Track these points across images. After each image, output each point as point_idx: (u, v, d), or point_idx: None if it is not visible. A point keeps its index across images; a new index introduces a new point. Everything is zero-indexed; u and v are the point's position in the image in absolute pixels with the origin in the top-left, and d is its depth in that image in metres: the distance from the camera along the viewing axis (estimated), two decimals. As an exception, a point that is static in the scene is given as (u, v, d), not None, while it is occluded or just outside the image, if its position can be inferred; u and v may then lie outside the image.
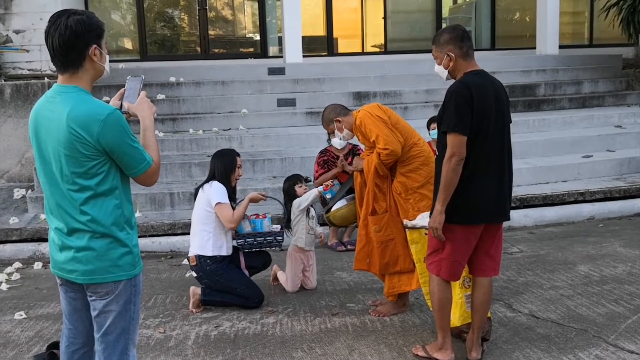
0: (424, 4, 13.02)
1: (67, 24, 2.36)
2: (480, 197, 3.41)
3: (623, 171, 8.01)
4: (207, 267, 4.61)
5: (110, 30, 11.18)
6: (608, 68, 11.17)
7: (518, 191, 7.26)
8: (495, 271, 3.65)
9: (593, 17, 13.19)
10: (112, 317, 2.51)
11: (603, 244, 6.06)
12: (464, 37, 3.53)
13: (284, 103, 9.18)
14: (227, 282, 4.63)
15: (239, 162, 4.79)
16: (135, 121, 2.63)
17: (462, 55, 3.50)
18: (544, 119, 9.09)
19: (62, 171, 2.40)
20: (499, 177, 3.45)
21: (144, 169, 2.46)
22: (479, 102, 3.31)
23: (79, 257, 2.45)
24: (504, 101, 3.49)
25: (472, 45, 3.58)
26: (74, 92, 2.41)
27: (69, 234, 2.45)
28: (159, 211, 6.73)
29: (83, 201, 2.40)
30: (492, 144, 3.40)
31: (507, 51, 12.54)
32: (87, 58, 2.43)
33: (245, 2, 12.91)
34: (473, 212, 3.42)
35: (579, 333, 4.02)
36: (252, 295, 4.64)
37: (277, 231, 4.85)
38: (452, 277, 3.57)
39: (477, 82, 3.39)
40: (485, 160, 3.39)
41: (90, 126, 2.33)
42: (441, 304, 3.59)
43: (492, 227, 3.55)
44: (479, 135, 3.34)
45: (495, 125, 3.38)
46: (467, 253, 3.55)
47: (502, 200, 3.48)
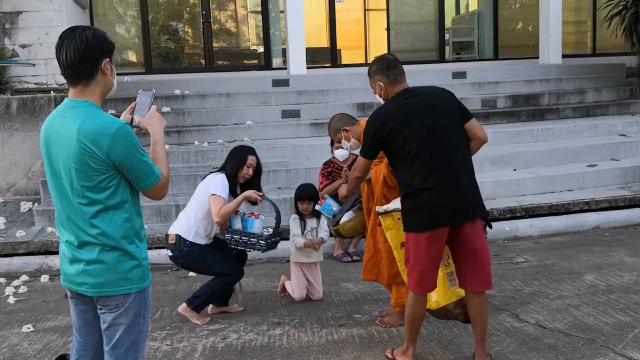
0: (427, 15, 13.08)
1: (83, 36, 2.43)
2: (428, 206, 3.48)
3: (628, 180, 8.00)
4: (185, 249, 4.60)
5: (115, 43, 11.21)
6: (611, 77, 11.19)
7: (523, 200, 7.27)
8: (482, 285, 3.61)
9: (596, 27, 13.22)
10: (122, 329, 2.52)
11: (609, 253, 6.05)
12: (390, 65, 3.77)
13: (289, 114, 9.22)
14: (202, 262, 4.63)
15: (249, 161, 4.77)
16: (145, 134, 2.66)
17: (390, 82, 3.76)
18: (548, 129, 9.10)
19: (72, 185, 2.43)
20: (450, 182, 3.48)
21: (153, 183, 2.49)
22: (393, 126, 3.53)
23: (89, 270, 2.47)
24: (440, 107, 3.60)
25: (399, 71, 3.78)
26: (85, 106, 2.44)
27: (80, 247, 2.47)
28: (165, 223, 6.74)
29: (93, 214, 2.43)
30: (429, 154, 3.49)
31: (510, 61, 12.59)
32: (100, 71, 2.47)
33: (249, 15, 13.01)
34: (421, 220, 3.51)
35: (586, 343, 4.01)
36: (228, 270, 4.64)
37: (265, 235, 4.76)
38: (420, 289, 3.60)
39: (394, 106, 3.65)
40: (423, 170, 3.48)
41: (100, 140, 2.36)
42: (411, 318, 3.69)
43: (461, 233, 3.52)
44: (408, 151, 3.51)
45: (427, 136, 3.51)
46: (433, 262, 3.55)
47: (458, 202, 3.49)
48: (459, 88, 10.22)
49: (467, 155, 3.63)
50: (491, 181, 7.46)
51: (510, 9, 13.98)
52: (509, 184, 7.52)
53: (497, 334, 4.21)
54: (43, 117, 7.67)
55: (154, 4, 12.13)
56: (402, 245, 3.83)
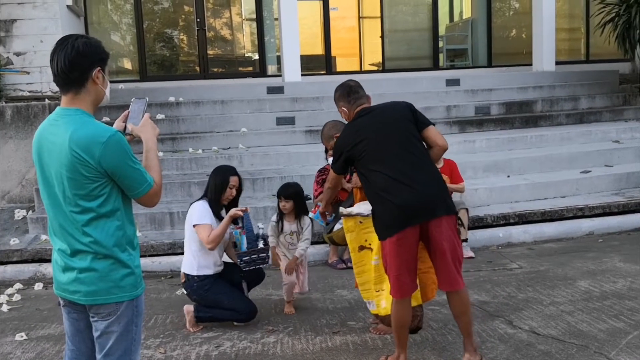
0: (421, 22, 13.14)
1: (74, 44, 2.44)
2: (388, 211, 3.60)
3: (622, 186, 8.03)
4: (195, 284, 4.62)
5: (110, 51, 11.16)
6: (605, 84, 11.25)
7: (517, 207, 7.29)
8: (447, 285, 3.68)
9: (589, 33, 13.30)
10: (114, 338, 2.52)
11: (603, 259, 6.07)
12: (350, 91, 4.01)
13: (283, 122, 9.23)
14: (214, 297, 4.61)
15: (232, 182, 4.68)
16: (138, 142, 2.67)
17: (352, 107, 3.98)
18: (541, 135, 9.13)
19: (64, 193, 2.43)
20: (405, 185, 3.57)
21: (145, 190, 2.49)
22: (351, 146, 3.79)
23: (82, 278, 2.47)
24: (391, 119, 3.80)
25: (359, 96, 4.00)
26: (77, 114, 2.45)
27: (72, 255, 2.47)
28: (159, 231, 6.74)
29: (85, 223, 2.43)
30: (385, 165, 3.64)
31: (503, 68, 12.64)
32: (90, 80, 2.48)
33: (243, 22, 13.04)
34: (386, 225, 3.63)
35: (580, 349, 4.02)
36: (242, 308, 4.63)
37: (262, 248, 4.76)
38: (400, 294, 3.66)
39: (352, 124, 3.92)
40: (381, 181, 3.63)
41: (91, 149, 2.37)
42: (397, 324, 3.76)
43: (428, 233, 3.58)
44: (366, 165, 3.72)
45: (378, 149, 3.69)
46: (406, 267, 3.61)
47: (415, 201, 3.56)
48: (453, 95, 10.27)
49: (423, 158, 3.73)
50: (485, 188, 7.48)
51: (503, 16, 14.05)
52: (502, 191, 7.54)
53: (491, 341, 4.21)
54: (37, 125, 7.64)
55: (149, 12, 12.16)
56: (361, 249, 4.02)
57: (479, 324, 4.51)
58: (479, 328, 4.44)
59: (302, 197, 5.12)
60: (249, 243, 4.67)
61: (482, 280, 5.59)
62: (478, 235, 6.78)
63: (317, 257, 6.44)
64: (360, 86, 4.07)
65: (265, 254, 4.78)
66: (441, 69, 12.93)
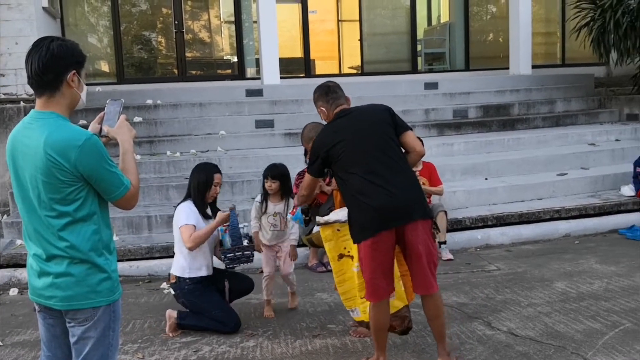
0: (399, 26, 13.21)
1: (50, 47, 2.41)
2: (364, 214, 3.61)
3: (597, 188, 8.14)
4: (186, 287, 4.58)
5: (87, 54, 11.05)
6: (580, 87, 11.41)
7: (495, 209, 7.34)
8: (422, 289, 3.70)
9: (565, 38, 13.48)
10: (91, 343, 2.48)
11: (579, 260, 6.14)
12: (329, 91, 4.00)
13: (262, 124, 9.21)
14: (202, 304, 4.59)
15: (216, 180, 4.67)
16: (114, 144, 2.64)
17: (331, 107, 3.96)
18: (518, 138, 9.22)
19: (39, 197, 2.40)
20: (380, 188, 3.58)
21: (122, 193, 2.46)
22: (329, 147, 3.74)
23: (58, 283, 2.43)
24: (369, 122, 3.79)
25: (338, 96, 3.98)
26: (51, 118, 2.41)
27: (48, 260, 2.44)
28: (137, 235, 6.67)
29: (61, 227, 2.39)
30: (361, 168, 3.63)
31: (481, 72, 12.75)
32: (65, 83, 2.44)
33: (222, 25, 12.99)
34: (362, 228, 3.64)
35: (557, 350, 4.05)
36: (227, 320, 4.58)
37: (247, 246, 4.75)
38: (374, 297, 3.69)
39: (330, 127, 3.89)
40: (357, 184, 3.63)
41: (67, 152, 2.33)
42: (375, 327, 3.79)
43: (404, 236, 3.60)
44: (343, 168, 3.71)
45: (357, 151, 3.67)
46: (381, 270, 3.63)
47: (396, 204, 3.57)
48: (431, 99, 10.34)
49: (400, 162, 3.73)
50: (463, 190, 7.53)
51: (480, 20, 14.18)
52: (480, 193, 7.60)
53: (470, 342, 4.23)
54: (12, 127, 7.50)
55: (127, 14, 12.06)
56: (340, 257, 4.00)
57: (457, 326, 4.53)
58: (458, 330, 4.46)
59: (289, 178, 5.08)
60: (233, 240, 4.65)
61: (461, 282, 5.62)
62: (457, 237, 6.82)
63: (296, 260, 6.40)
64: (339, 87, 4.05)
65: (250, 251, 4.76)
66: (420, 73, 13.01)
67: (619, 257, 6.17)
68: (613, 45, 10.18)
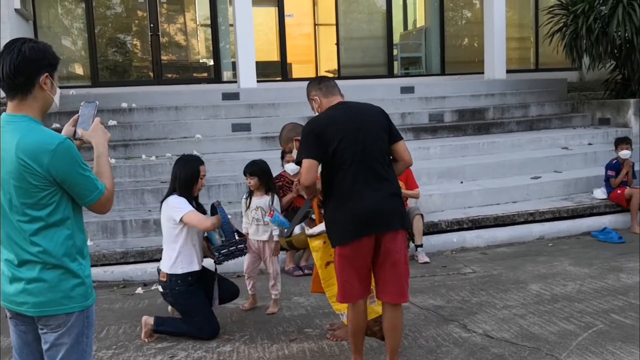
0: (376, 30, 13.27)
1: (21, 49, 2.36)
2: (346, 217, 3.58)
3: (570, 191, 8.25)
4: (177, 287, 4.51)
5: (61, 56, 10.86)
6: (554, 91, 11.57)
7: (470, 212, 7.40)
8: (395, 297, 3.66)
9: (538, 43, 13.68)
10: (64, 350, 2.44)
11: (553, 262, 6.22)
12: (322, 79, 3.96)
13: (239, 128, 9.18)
14: (188, 307, 4.53)
15: (202, 172, 4.63)
16: (88, 147, 2.60)
17: (324, 94, 3.86)
18: (493, 142, 9.32)
19: (11, 202, 2.35)
20: (363, 193, 3.56)
21: (97, 197, 2.43)
22: (322, 133, 3.61)
23: (30, 289, 2.39)
24: (367, 123, 3.69)
25: (331, 84, 3.90)
26: (23, 121, 2.37)
27: (20, 265, 2.39)
28: (111, 239, 6.59)
29: (33, 232, 2.35)
30: (349, 167, 3.58)
31: (456, 76, 12.87)
32: (37, 85, 2.40)
33: (198, 28, 12.94)
34: (338, 233, 3.62)
35: (532, 352, 4.09)
36: (207, 328, 4.54)
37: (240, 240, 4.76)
38: (345, 299, 3.70)
39: (325, 116, 3.74)
40: (342, 184, 3.59)
41: (39, 157, 2.29)
42: (352, 329, 3.78)
43: (382, 244, 3.60)
44: (330, 163, 3.61)
45: (350, 150, 3.58)
46: (356, 273, 3.62)
47: (374, 213, 3.56)
48: (408, 103, 10.40)
49: (389, 171, 3.70)
50: (439, 194, 7.58)
51: (456, 25, 14.32)
52: (456, 197, 7.66)
53: (446, 345, 4.25)
54: (-17, 131, 7.42)
55: (101, 17, 11.94)
56: (327, 264, 3.98)
57: (433, 329, 4.56)
58: (434, 332, 4.49)
59: (268, 173, 5.13)
60: (226, 235, 4.63)
61: (437, 285, 5.66)
62: (433, 240, 6.86)
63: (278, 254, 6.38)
64: (333, 79, 3.97)
65: (243, 245, 4.75)
66: (396, 77, 13.09)
67: (592, 259, 6.26)
68: (585, 50, 10.35)
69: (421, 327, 4.58)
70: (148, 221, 6.64)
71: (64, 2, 11.79)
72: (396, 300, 3.67)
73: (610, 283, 5.48)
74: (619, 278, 5.61)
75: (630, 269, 5.89)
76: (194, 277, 4.57)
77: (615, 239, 6.99)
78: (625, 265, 6.00)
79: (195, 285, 4.59)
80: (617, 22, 9.62)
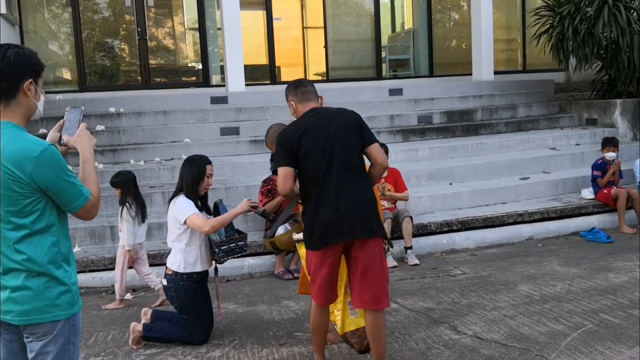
0: (364, 33, 13.29)
1: (6, 54, 2.34)
2: (314, 223, 3.64)
3: (559, 192, 8.29)
4: (181, 283, 4.49)
5: (47, 61, 10.96)
6: (541, 93, 11.63)
7: (459, 214, 7.42)
8: (372, 303, 3.65)
9: (525, 44, 13.75)
10: (50, 358, 2.41)
11: (542, 263, 6.24)
12: (299, 84, 3.92)
13: (228, 132, 9.16)
14: (187, 305, 4.50)
15: (209, 171, 4.64)
16: (74, 153, 2.58)
17: (299, 100, 3.87)
18: (481, 143, 9.35)
19: (-5, 210, 2.33)
20: (334, 200, 3.58)
21: (82, 204, 2.41)
22: (292, 144, 3.65)
23: (15, 297, 2.36)
24: (338, 129, 3.68)
25: (308, 90, 3.89)
26: (7, 128, 2.34)
27: (4, 273, 2.36)
28: (99, 245, 6.55)
29: (18, 240, 2.33)
30: (321, 174, 3.60)
31: (445, 78, 12.91)
32: (21, 91, 2.38)
33: (186, 32, 12.90)
34: (311, 238, 3.66)
35: (522, 352, 4.10)
36: (198, 331, 4.52)
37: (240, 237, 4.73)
38: (319, 300, 3.73)
39: (295, 125, 3.77)
40: (314, 190, 3.63)
41: (23, 164, 2.27)
42: (314, 329, 3.87)
43: (353, 251, 3.61)
44: (303, 170, 3.67)
45: (319, 157, 3.62)
46: (329, 277, 3.67)
47: (342, 220, 3.57)
48: (396, 105, 10.42)
49: (358, 175, 3.69)
50: (428, 195, 7.59)
51: (444, 27, 14.37)
52: (445, 198, 7.67)
53: (436, 347, 4.26)
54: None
55: (88, 21, 11.89)
56: None
57: (424, 331, 4.56)
58: (424, 335, 4.49)
59: (132, 183, 5.57)
60: (227, 232, 4.61)
61: (427, 287, 5.66)
62: (422, 242, 6.87)
63: (263, 268, 6.39)
64: (312, 84, 3.97)
65: (243, 242, 4.71)
66: (384, 79, 13.11)
67: (581, 259, 6.29)
68: (572, 51, 10.42)
69: (411, 330, 4.58)
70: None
71: (51, 6, 11.72)
72: (371, 307, 3.66)
73: (598, 283, 5.51)
74: (607, 278, 5.64)
75: (618, 268, 5.92)
76: (200, 276, 4.57)
77: (603, 238, 7.02)
78: (614, 265, 6.04)
79: (201, 284, 4.58)
80: (602, 23, 9.70)
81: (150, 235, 6.57)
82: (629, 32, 9.69)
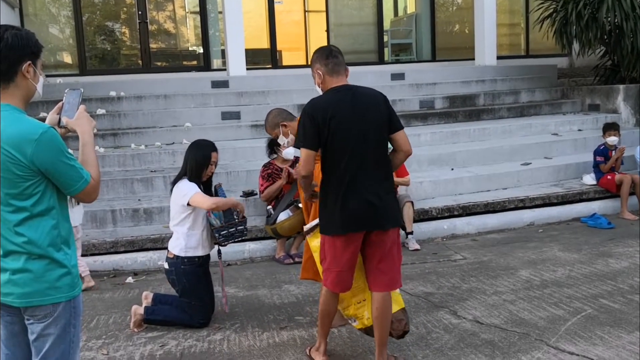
0: (366, 17, 13.21)
1: (3, 36, 2.33)
2: (338, 209, 3.49)
3: (560, 177, 8.28)
4: (182, 267, 4.50)
5: (48, 45, 10.91)
6: (544, 78, 11.57)
7: (460, 199, 7.41)
8: (388, 286, 3.62)
9: (528, 29, 13.66)
10: (51, 340, 2.43)
11: (543, 248, 6.24)
12: (330, 54, 3.67)
13: (229, 116, 9.14)
14: (189, 288, 4.51)
15: (214, 158, 4.61)
16: (73, 136, 2.56)
17: (329, 72, 3.65)
18: (484, 128, 9.32)
19: (-5, 192, 2.32)
20: (363, 187, 3.49)
21: (82, 187, 2.40)
22: (323, 122, 3.44)
23: (16, 279, 2.37)
24: (370, 113, 3.53)
25: (339, 62, 3.67)
26: (6, 110, 2.33)
27: (5, 256, 2.37)
28: (101, 229, 6.56)
29: (18, 222, 2.33)
30: (349, 158, 3.47)
31: (447, 62, 12.85)
32: (19, 74, 2.36)
33: (187, 15, 12.83)
34: (334, 224, 3.54)
35: (521, 337, 4.11)
36: (199, 315, 4.53)
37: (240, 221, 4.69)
38: (337, 288, 3.65)
39: (327, 100, 3.54)
40: (341, 174, 3.48)
41: (23, 147, 2.26)
42: (323, 314, 3.79)
43: (375, 238, 3.56)
44: (330, 150, 3.49)
45: (351, 139, 3.47)
46: (348, 264, 3.59)
47: (369, 209, 3.50)
48: (398, 89, 10.38)
49: (384, 161, 3.61)
50: (429, 181, 7.58)
51: (446, 11, 14.27)
52: (446, 183, 7.66)
53: (436, 331, 4.27)
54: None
55: (89, 4, 11.81)
56: None
57: (424, 315, 4.57)
58: (424, 319, 4.50)
59: None
60: (225, 217, 4.61)
61: (428, 271, 5.67)
62: (423, 227, 6.87)
63: (263, 252, 6.40)
64: (342, 54, 3.74)
65: (243, 226, 4.69)
66: (386, 63, 13.05)
67: (581, 245, 6.29)
68: (575, 36, 10.34)
69: (411, 314, 4.59)
70: (138, 210, 6.61)
71: (51, -11, 11.66)
72: (390, 288, 3.64)
73: (599, 268, 5.51)
74: (607, 263, 5.65)
75: (619, 254, 5.92)
76: (201, 260, 4.58)
77: (604, 224, 7.02)
78: (614, 251, 6.04)
79: (202, 268, 4.59)
80: (606, 7, 9.62)
81: (152, 219, 6.59)
82: (633, 17, 9.62)
